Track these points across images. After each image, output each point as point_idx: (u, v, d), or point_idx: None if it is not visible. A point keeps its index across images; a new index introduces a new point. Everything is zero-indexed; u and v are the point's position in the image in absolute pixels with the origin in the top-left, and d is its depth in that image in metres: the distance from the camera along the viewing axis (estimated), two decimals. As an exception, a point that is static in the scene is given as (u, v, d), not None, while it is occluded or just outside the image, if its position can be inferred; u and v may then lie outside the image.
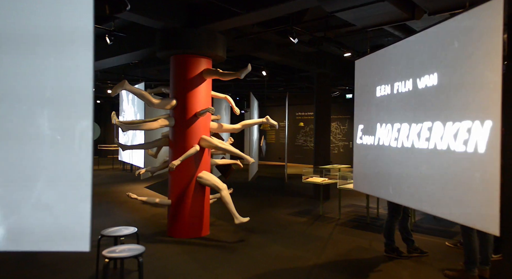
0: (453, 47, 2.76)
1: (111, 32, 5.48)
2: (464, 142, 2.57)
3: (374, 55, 4.05)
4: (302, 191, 9.15)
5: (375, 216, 6.60)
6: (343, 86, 12.64)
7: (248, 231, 5.51)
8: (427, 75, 3.07)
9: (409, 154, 3.24)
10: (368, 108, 4.14)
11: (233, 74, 4.91)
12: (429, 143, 2.96)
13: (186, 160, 4.97)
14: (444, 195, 2.80)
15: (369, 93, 4.14)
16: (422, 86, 3.13)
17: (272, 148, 17.78)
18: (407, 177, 3.27)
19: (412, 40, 3.36)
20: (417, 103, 3.19)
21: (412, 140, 3.21)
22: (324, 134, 8.61)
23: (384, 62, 3.85)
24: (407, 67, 3.40)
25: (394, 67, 3.66)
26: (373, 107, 4.02)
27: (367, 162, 4.02)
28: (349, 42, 7.02)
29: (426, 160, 2.99)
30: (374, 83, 4.02)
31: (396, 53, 3.63)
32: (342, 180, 6.55)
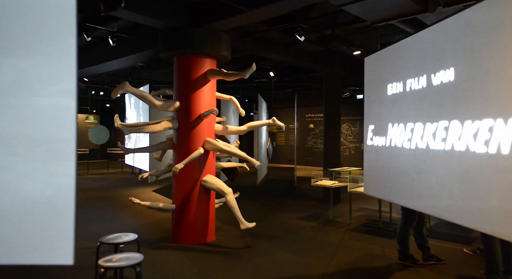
0: (471, 39, 2.54)
1: (113, 34, 5.38)
2: (485, 142, 2.34)
3: (385, 51, 3.83)
4: (312, 194, 8.91)
5: (388, 220, 6.34)
6: (354, 87, 12.38)
7: (255, 236, 5.32)
8: (442, 71, 2.85)
9: (423, 156, 3.01)
10: (379, 107, 3.92)
11: (237, 74, 4.74)
12: (445, 143, 2.73)
13: (190, 163, 4.82)
14: (462, 201, 2.57)
15: (379, 92, 3.92)
16: (437, 82, 2.91)
17: (281, 150, 17.56)
18: (422, 181, 3.04)
19: (425, 34, 3.13)
20: (432, 101, 2.96)
21: (426, 141, 2.98)
22: (334, 136, 8.38)
23: (395, 59, 3.64)
24: (420, 62, 3.18)
25: (406, 63, 3.44)
26: (384, 106, 3.80)
27: (378, 164, 3.80)
28: (358, 41, 6.79)
29: (442, 162, 2.76)
30: (385, 81, 3.81)
31: (408, 48, 3.41)
32: (353, 183, 6.31)
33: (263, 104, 10.66)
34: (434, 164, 2.86)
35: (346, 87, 12.53)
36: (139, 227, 5.80)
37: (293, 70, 10.03)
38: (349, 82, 11.66)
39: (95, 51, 7.31)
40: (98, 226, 5.88)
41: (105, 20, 5.75)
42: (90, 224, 6.01)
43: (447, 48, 2.81)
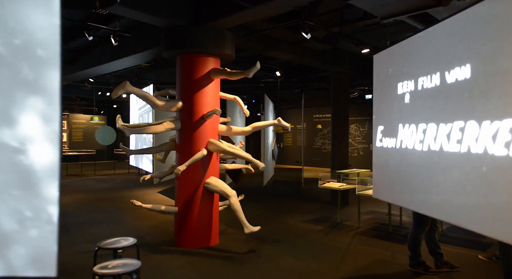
0: (490, 33, 2.35)
1: (116, 33, 5.27)
2: (506, 144, 2.15)
3: (395, 48, 3.65)
4: (319, 196, 8.72)
5: (398, 224, 6.13)
6: (362, 87, 12.14)
7: (260, 240, 5.16)
8: (457, 68, 2.66)
9: (437, 159, 2.82)
10: (389, 107, 3.73)
11: (241, 73, 4.60)
12: (461, 145, 2.55)
13: (193, 165, 4.69)
14: (479, 207, 2.38)
15: (389, 91, 3.74)
16: (451, 80, 2.72)
17: (289, 151, 17.37)
18: (435, 185, 2.85)
19: (438, 29, 2.95)
20: (446, 100, 2.78)
21: (440, 142, 2.79)
22: (342, 137, 8.18)
23: (406, 56, 3.45)
24: (433, 59, 3.00)
25: (417, 60, 3.25)
26: (395, 106, 3.62)
27: (388, 167, 3.61)
28: (367, 39, 6.59)
29: (457, 165, 2.57)
30: (395, 79, 3.62)
31: (419, 44, 3.23)
32: (362, 185, 6.12)
33: (270, 105, 10.50)
34: (449, 167, 2.67)
35: (355, 87, 12.30)
36: (141, 230, 5.69)
37: (300, 70, 9.85)
38: (357, 82, 11.44)
39: (98, 51, 7.24)
40: (100, 228, 5.78)
41: (107, 19, 5.66)
42: (92, 226, 5.91)
43: (463, 43, 2.63)
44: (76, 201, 8.19)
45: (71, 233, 5.52)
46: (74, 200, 8.25)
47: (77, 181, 11.66)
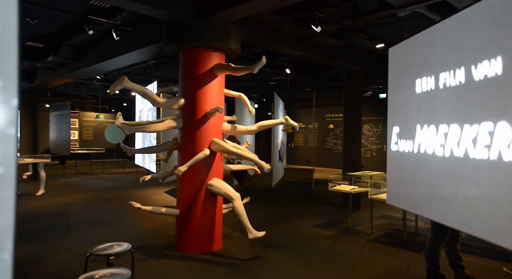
0: (527, 19, 2.03)
1: (117, 27, 5.06)
2: (547, 148, 1.82)
3: (413, 40, 3.33)
4: (330, 198, 8.39)
5: (413, 230, 5.77)
6: (376, 85, 11.73)
7: (266, 245, 4.89)
8: (486, 61, 2.33)
9: (460, 165, 2.49)
10: (405, 107, 3.41)
11: (246, 69, 4.33)
12: (489, 151, 2.22)
13: (195, 165, 4.45)
14: (510, 221, 2.06)
15: (406, 89, 3.41)
16: (479, 76, 2.39)
17: (300, 151, 17.03)
18: (458, 194, 2.52)
19: (462, 17, 2.62)
20: (472, 98, 2.45)
21: (465, 147, 2.47)
22: (354, 137, 7.83)
23: (425, 49, 3.12)
24: (456, 52, 2.67)
25: (439, 53, 2.92)
26: (412, 105, 3.29)
27: (404, 172, 3.29)
28: (382, 34, 6.23)
29: (485, 173, 2.25)
30: (413, 76, 3.30)
31: (441, 35, 2.90)
32: (375, 188, 5.78)
33: (280, 104, 10.20)
34: (475, 176, 2.35)
35: (368, 86, 11.90)
36: (143, 232, 5.48)
37: (311, 68, 9.52)
38: (371, 80, 11.04)
39: (103, 47, 7.08)
40: (101, 229, 5.60)
41: (109, 13, 5.47)
42: (93, 227, 5.74)
43: (492, 33, 2.30)
44: (81, 200, 8.07)
45: (71, 234, 5.36)
46: (79, 199, 8.13)
47: (85, 179, 11.60)
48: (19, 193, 8.65)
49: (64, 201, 7.93)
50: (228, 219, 5.72)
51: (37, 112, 11.82)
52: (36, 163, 8.88)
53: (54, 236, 5.20)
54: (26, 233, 5.37)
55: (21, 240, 5.02)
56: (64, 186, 10.12)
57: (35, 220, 6.13)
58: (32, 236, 5.22)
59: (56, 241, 4.97)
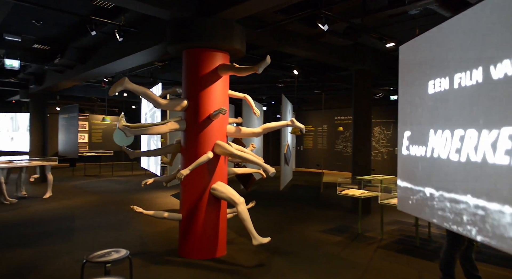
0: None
1: (120, 27, 4.98)
2: None
3: (425, 37, 3.14)
4: (339, 202, 8.17)
5: (426, 237, 5.53)
6: (387, 87, 11.47)
7: (271, 252, 4.72)
8: (507, 60, 2.14)
9: (478, 172, 2.30)
10: (417, 109, 3.22)
11: (250, 69, 4.19)
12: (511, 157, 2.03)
13: (198, 169, 4.31)
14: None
15: (418, 90, 3.22)
16: (498, 75, 2.21)
17: (309, 154, 16.82)
18: (476, 203, 2.32)
19: (479, 11, 2.43)
20: (491, 100, 2.25)
21: (483, 152, 2.27)
22: (364, 140, 7.61)
23: (439, 46, 2.94)
24: (473, 50, 2.47)
25: (453, 52, 2.73)
26: (425, 108, 3.10)
27: (416, 178, 3.09)
28: (392, 33, 6.02)
29: (507, 181, 2.05)
30: (426, 76, 3.11)
31: (455, 32, 2.71)
32: (385, 193, 5.56)
33: (288, 106, 10.03)
34: (495, 183, 2.15)
35: (379, 88, 11.65)
36: (146, 237, 5.37)
37: (320, 69, 9.33)
38: (382, 81, 10.80)
39: (107, 49, 7.04)
40: (104, 233, 5.50)
41: (112, 14, 5.40)
42: (97, 231, 5.65)
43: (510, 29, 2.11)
44: (87, 203, 8.02)
45: (74, 238, 5.27)
46: (85, 202, 8.08)
47: (94, 182, 11.59)
48: (26, 196, 8.65)
49: (70, 204, 7.88)
50: (233, 223, 5.57)
51: (46, 115, 11.87)
52: (43, 165, 8.88)
53: (56, 240, 5.12)
54: (29, 236, 5.30)
55: (23, 244, 4.95)
56: (72, 189, 10.11)
57: (39, 224, 6.08)
58: (35, 240, 5.15)
59: (58, 246, 4.88)
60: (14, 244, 4.95)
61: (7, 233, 5.49)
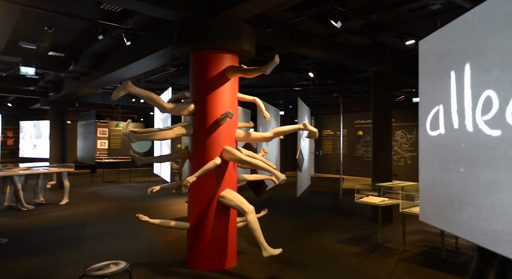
0: None
1: (128, 31, 4.88)
2: None
3: (450, 28, 2.82)
4: (359, 210, 7.79)
5: (454, 248, 5.11)
6: (409, 89, 11.00)
7: (284, 263, 4.45)
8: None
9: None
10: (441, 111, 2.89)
11: (258, 70, 3.97)
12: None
13: (206, 175, 4.12)
14: None
15: (441, 89, 2.90)
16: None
17: (328, 159, 16.40)
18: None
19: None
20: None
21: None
22: (384, 144, 7.23)
23: (467, 38, 2.61)
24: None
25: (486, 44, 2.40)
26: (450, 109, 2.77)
27: (441, 185, 2.77)
28: (413, 31, 5.67)
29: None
30: (450, 72, 2.79)
31: (491, 16, 2.38)
32: (408, 200, 5.18)
33: (304, 110, 9.75)
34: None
35: (400, 90, 11.19)
36: (155, 246, 5.20)
37: (337, 71, 9.02)
38: (403, 83, 10.36)
39: (119, 54, 7.00)
40: (113, 242, 5.38)
41: (121, 18, 5.33)
42: (106, 239, 5.53)
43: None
44: (102, 209, 7.97)
45: (83, 246, 5.16)
46: (100, 209, 8.04)
47: (111, 188, 11.62)
48: (44, 202, 8.71)
49: (85, 210, 7.86)
50: (244, 233, 5.33)
51: (66, 122, 12.04)
52: (60, 172, 8.94)
53: (65, 249, 5.03)
54: (38, 245, 5.24)
55: (31, 253, 4.88)
56: (89, 195, 10.14)
57: (51, 231, 6.03)
58: (43, 248, 5.07)
59: (65, 255, 4.78)
60: (22, 252, 4.89)
61: (18, 241, 5.45)
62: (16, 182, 7.66)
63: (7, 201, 8.16)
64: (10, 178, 7.70)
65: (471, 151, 2.30)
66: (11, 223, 6.64)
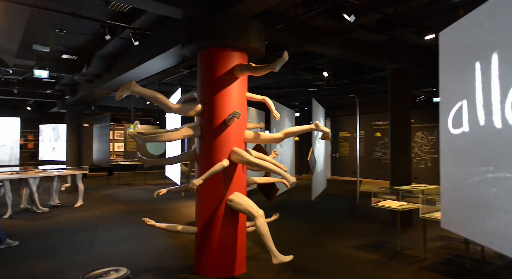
0: None
1: (135, 30, 4.79)
2: None
3: (474, 16, 2.57)
4: (376, 214, 7.47)
5: (479, 257, 4.78)
6: (429, 88, 10.58)
7: (296, 270, 4.23)
8: None
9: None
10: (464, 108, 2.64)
11: (266, 67, 3.80)
12: None
13: (213, 178, 3.97)
14: None
15: (464, 84, 2.65)
16: None
17: (345, 162, 16.03)
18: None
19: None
20: None
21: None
22: (403, 147, 6.92)
23: (494, 26, 2.37)
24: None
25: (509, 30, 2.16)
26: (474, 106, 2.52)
27: (466, 187, 2.51)
28: (433, 25, 5.37)
29: None
30: (475, 65, 2.54)
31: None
32: (429, 204, 4.88)
33: (319, 111, 9.51)
34: None
35: (420, 89, 10.78)
36: (164, 250, 5.07)
37: (353, 70, 8.74)
38: (423, 82, 9.96)
39: (129, 56, 6.95)
40: (122, 246, 5.28)
41: (129, 18, 5.25)
42: (115, 243, 5.44)
43: None
44: (115, 212, 7.94)
45: (92, 250, 5.09)
46: (113, 211, 8.01)
47: (126, 191, 11.65)
48: (59, 204, 8.77)
49: (98, 213, 7.84)
50: (255, 237, 5.12)
51: (82, 125, 12.17)
52: (75, 174, 8.99)
53: (74, 253, 4.96)
54: (48, 248, 5.19)
55: (40, 256, 4.83)
56: (104, 197, 10.17)
57: (62, 234, 6.00)
58: (53, 251, 5.02)
59: (74, 258, 4.70)
60: (30, 256, 4.85)
61: (28, 243, 5.42)
62: (31, 185, 7.72)
63: (23, 203, 8.25)
64: (25, 180, 7.77)
65: (500, 150, 2.05)
66: (24, 225, 6.67)
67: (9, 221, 6.91)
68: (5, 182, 7.34)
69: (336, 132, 16.40)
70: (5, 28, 4.95)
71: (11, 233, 5.95)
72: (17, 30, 5.10)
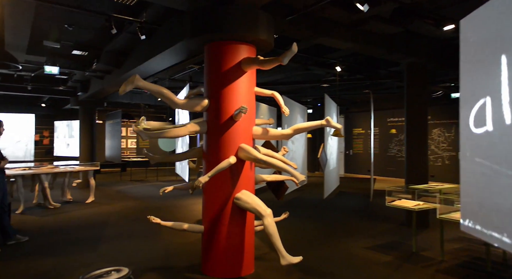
0: None
1: (141, 24, 4.68)
2: None
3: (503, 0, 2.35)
4: (391, 214, 7.24)
5: (501, 260, 4.52)
6: (447, 83, 10.21)
7: (306, 271, 4.08)
8: None
9: None
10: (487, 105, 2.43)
11: (274, 60, 3.63)
12: None
13: (220, 176, 3.84)
14: None
15: (486, 78, 2.43)
16: None
17: (359, 159, 15.72)
18: None
19: None
20: None
21: None
22: (419, 144, 6.65)
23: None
24: None
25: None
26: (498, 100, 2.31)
27: (488, 189, 2.30)
28: (452, 15, 5.09)
29: None
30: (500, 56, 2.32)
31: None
32: (446, 204, 4.64)
33: (332, 107, 9.28)
34: None
35: (437, 85, 10.41)
36: (171, 249, 4.99)
37: (367, 65, 8.47)
38: (441, 77, 9.61)
39: (137, 52, 6.88)
40: (130, 243, 5.23)
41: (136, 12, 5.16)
42: (122, 241, 5.39)
43: None
44: (125, 208, 7.93)
45: (99, 247, 5.04)
46: (123, 208, 8.00)
47: (138, 187, 11.68)
48: (71, 200, 8.82)
49: (109, 209, 7.84)
50: (265, 236, 4.98)
51: (94, 121, 12.23)
52: (86, 170, 9.03)
53: (81, 250, 4.92)
54: (56, 244, 5.17)
55: (47, 253, 4.80)
56: (115, 194, 10.21)
57: (72, 230, 5.99)
58: (61, 248, 4.99)
59: (80, 256, 4.66)
60: (38, 252, 4.83)
61: (37, 239, 5.42)
62: (43, 180, 7.76)
63: (36, 199, 8.32)
64: (38, 176, 7.82)
65: (530, 148, 1.85)
66: (35, 221, 6.70)
67: (21, 217, 6.96)
68: (17, 177, 7.40)
69: (349, 129, 16.10)
70: (13, 24, 4.92)
71: (22, 228, 5.97)
72: (25, 25, 5.06)
